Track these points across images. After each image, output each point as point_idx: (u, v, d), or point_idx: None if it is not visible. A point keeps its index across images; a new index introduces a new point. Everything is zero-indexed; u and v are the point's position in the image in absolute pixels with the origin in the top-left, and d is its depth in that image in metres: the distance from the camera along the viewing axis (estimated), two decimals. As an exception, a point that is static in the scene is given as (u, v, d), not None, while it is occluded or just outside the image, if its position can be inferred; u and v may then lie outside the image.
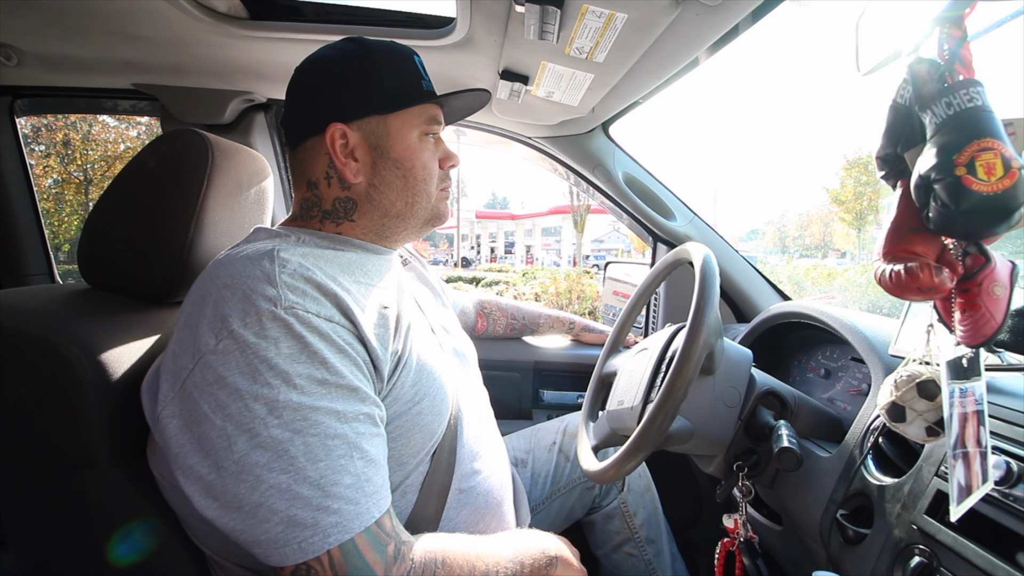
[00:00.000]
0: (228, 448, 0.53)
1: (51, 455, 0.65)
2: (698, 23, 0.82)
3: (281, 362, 0.54)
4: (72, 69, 1.26)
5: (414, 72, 0.75)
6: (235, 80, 1.27)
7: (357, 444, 0.57)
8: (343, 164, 0.71)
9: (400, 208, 0.75)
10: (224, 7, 0.99)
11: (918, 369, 0.59)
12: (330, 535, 0.53)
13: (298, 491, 0.53)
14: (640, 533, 1.15)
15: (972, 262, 0.52)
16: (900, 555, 0.62)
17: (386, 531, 0.58)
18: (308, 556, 0.53)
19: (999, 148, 0.46)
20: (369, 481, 0.57)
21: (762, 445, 0.83)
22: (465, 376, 0.86)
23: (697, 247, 0.86)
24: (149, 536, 0.67)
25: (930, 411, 0.57)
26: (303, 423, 0.54)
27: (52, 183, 10.74)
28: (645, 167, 1.49)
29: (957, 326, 0.53)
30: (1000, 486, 0.55)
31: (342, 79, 0.72)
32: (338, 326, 0.59)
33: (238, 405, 0.53)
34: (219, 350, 0.55)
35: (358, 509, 0.55)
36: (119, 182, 0.79)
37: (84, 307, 0.73)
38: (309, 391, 0.55)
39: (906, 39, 0.55)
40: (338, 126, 0.70)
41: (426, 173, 0.75)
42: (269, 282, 0.57)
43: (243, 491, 0.53)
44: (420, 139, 0.75)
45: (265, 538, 0.53)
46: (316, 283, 0.60)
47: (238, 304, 0.56)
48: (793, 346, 1.17)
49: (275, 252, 0.60)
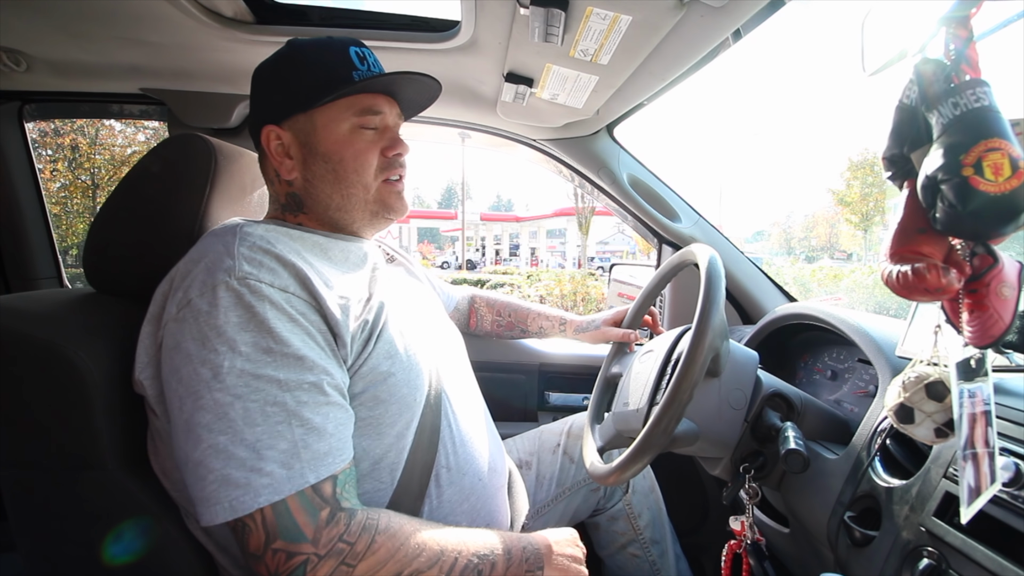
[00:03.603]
0: (179, 408, 0.58)
1: (58, 458, 0.66)
2: (703, 24, 0.82)
3: (229, 330, 0.58)
4: (80, 74, 1.27)
5: (343, 63, 0.75)
6: (241, 84, 1.28)
7: (297, 412, 0.58)
8: (279, 163, 0.77)
9: (338, 200, 0.77)
10: (231, 12, 1.00)
11: (926, 370, 0.59)
12: (260, 495, 0.55)
13: (234, 452, 0.56)
14: (645, 534, 1.15)
15: (980, 263, 0.51)
16: (908, 557, 0.62)
17: (324, 496, 0.59)
18: (239, 514, 0.55)
19: (1006, 148, 0.46)
20: (307, 448, 0.58)
21: (768, 447, 0.83)
22: (450, 361, 0.87)
23: (703, 248, 0.86)
24: (155, 537, 0.68)
25: (939, 412, 0.57)
26: (244, 389, 0.57)
27: (59, 187, 10.83)
28: (650, 169, 1.49)
29: (965, 327, 0.53)
30: (1009, 487, 0.55)
31: (271, 82, 0.77)
32: (292, 296, 0.62)
33: (188, 369, 0.58)
34: (178, 318, 0.60)
35: (291, 473, 0.57)
36: (124, 187, 0.79)
37: (90, 311, 0.74)
38: (253, 358, 0.58)
39: (912, 39, 0.54)
40: (271, 128, 0.76)
41: (358, 164, 0.77)
42: (228, 254, 0.61)
43: (189, 448, 0.57)
44: (353, 131, 0.76)
45: (201, 495, 0.56)
46: (275, 254, 0.63)
47: (199, 275, 0.60)
48: (799, 348, 1.17)
49: (239, 227, 0.65)
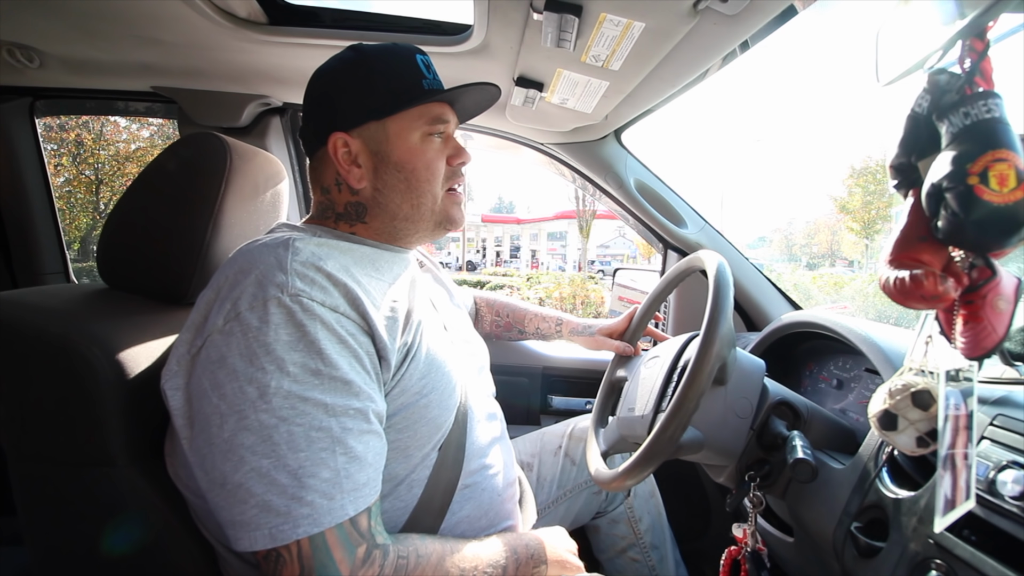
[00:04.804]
0: (220, 426, 0.55)
1: (70, 452, 0.66)
2: (715, 32, 0.83)
3: (278, 348, 0.56)
4: (93, 71, 1.28)
5: (414, 72, 0.75)
6: (252, 84, 1.28)
7: (342, 439, 0.57)
8: (347, 171, 0.74)
9: (407, 210, 0.76)
10: (244, 12, 1.01)
11: (914, 379, 0.59)
12: (300, 526, 0.54)
13: (276, 478, 0.54)
14: (645, 539, 1.15)
15: (978, 275, 0.51)
16: (916, 569, 0.62)
17: (360, 531, 0.58)
18: (277, 543, 0.53)
19: (1013, 160, 0.46)
20: (349, 477, 0.57)
21: (774, 455, 0.82)
22: (474, 374, 0.87)
23: (711, 255, 0.86)
24: (162, 533, 0.68)
25: (923, 421, 0.57)
26: (290, 411, 0.55)
27: (63, 182, 10.85)
28: (656, 174, 1.49)
29: (958, 337, 0.53)
30: (1019, 501, 0.55)
31: (339, 89, 0.74)
32: (343, 316, 0.60)
33: (233, 386, 0.55)
34: (225, 331, 0.57)
35: (332, 504, 0.55)
36: (139, 183, 0.80)
37: (103, 307, 0.74)
38: (301, 380, 0.56)
39: (929, 51, 0.55)
40: (339, 135, 0.73)
41: (429, 173, 0.76)
42: (280, 268, 0.59)
43: (228, 469, 0.55)
44: (423, 139, 0.75)
45: (240, 519, 0.54)
46: (326, 272, 0.61)
47: (249, 288, 0.58)
48: (804, 356, 1.16)
49: (291, 241, 0.63)
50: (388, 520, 0.68)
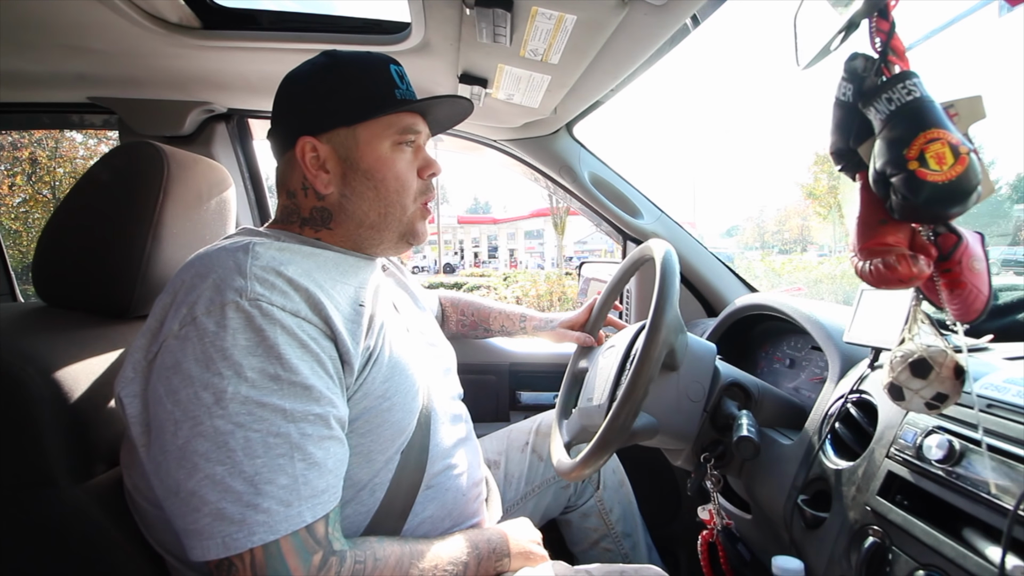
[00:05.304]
0: (174, 433, 0.54)
1: (7, 476, 0.63)
2: (647, 23, 0.84)
3: (236, 353, 0.55)
4: (25, 84, 1.23)
5: (386, 81, 0.74)
6: (193, 91, 1.25)
7: (300, 445, 0.56)
8: (314, 176, 0.73)
9: (373, 218, 0.75)
10: (176, 17, 0.98)
11: (910, 348, 0.59)
12: (255, 533, 0.52)
13: (231, 485, 0.53)
14: (617, 528, 1.16)
15: (944, 242, 0.53)
16: (856, 536, 0.63)
17: (317, 538, 0.57)
18: (231, 552, 0.52)
19: (945, 137, 0.47)
20: (308, 484, 0.56)
21: (728, 436, 0.84)
22: (439, 376, 0.87)
23: (659, 243, 0.87)
24: (109, 550, 0.66)
25: (925, 388, 0.57)
26: (247, 417, 0.54)
27: (19, 202, 10.46)
28: (611, 167, 1.51)
29: (947, 306, 0.54)
30: (944, 464, 0.57)
31: (309, 93, 0.74)
32: (304, 321, 0.59)
33: (188, 392, 0.54)
34: (180, 335, 0.56)
35: (289, 511, 0.54)
36: (72, 197, 0.77)
37: (39, 325, 0.72)
38: (259, 385, 0.55)
39: (835, 32, 0.56)
40: (307, 139, 0.72)
41: (399, 184, 0.75)
42: (239, 273, 0.58)
43: (181, 477, 0.53)
44: (393, 149, 0.75)
45: (194, 528, 0.53)
46: (287, 277, 0.60)
47: (206, 292, 0.57)
48: (760, 337, 1.19)
49: (250, 245, 0.62)
50: (349, 524, 0.67)
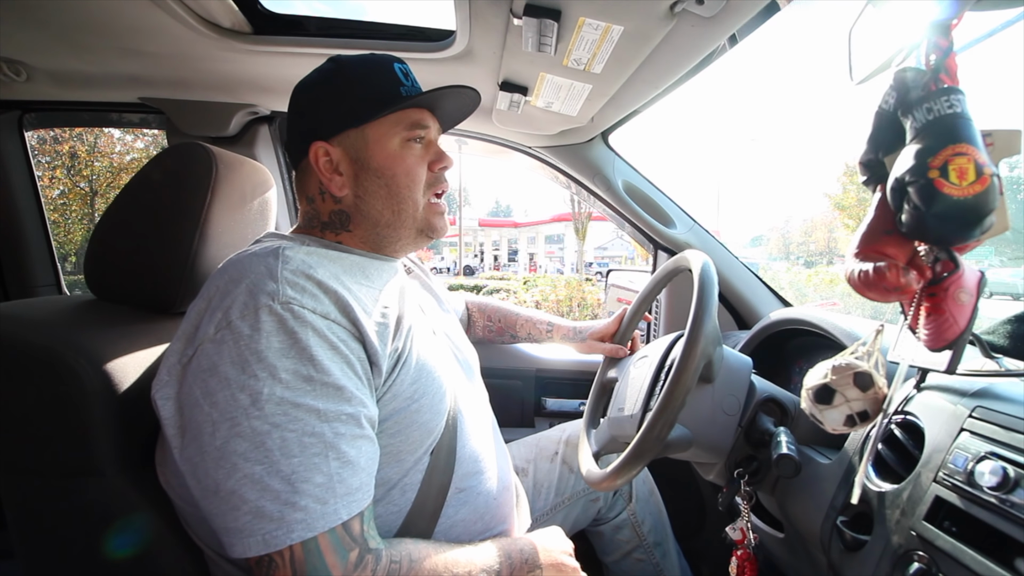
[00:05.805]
0: (212, 434, 0.55)
1: (57, 464, 0.66)
2: (694, 34, 0.84)
3: (270, 355, 0.56)
4: (80, 84, 1.29)
5: (391, 79, 0.75)
6: (239, 93, 1.29)
7: (334, 444, 0.57)
8: (328, 179, 0.75)
9: (388, 217, 0.76)
10: (228, 22, 1.01)
11: (857, 361, 0.61)
12: (293, 531, 0.54)
13: (269, 483, 0.54)
14: (648, 539, 1.16)
15: (941, 268, 0.52)
16: (899, 561, 0.62)
17: (353, 535, 0.58)
18: (271, 549, 0.54)
19: (973, 154, 0.47)
20: (342, 482, 0.57)
21: (762, 452, 0.83)
22: (465, 378, 0.87)
23: (696, 255, 0.86)
24: (152, 541, 0.68)
25: (858, 401, 0.59)
26: (283, 418, 0.55)
27: (58, 194, 10.84)
28: (645, 175, 1.50)
29: (921, 329, 0.54)
30: (997, 492, 0.55)
31: (317, 98, 0.76)
32: (334, 323, 0.61)
33: (225, 394, 0.56)
34: (216, 339, 0.57)
35: (325, 509, 0.56)
36: (125, 194, 0.80)
37: (90, 318, 0.74)
38: (293, 386, 0.56)
39: (896, 48, 0.56)
40: (320, 144, 0.74)
41: (409, 179, 0.76)
42: (271, 277, 0.60)
43: (220, 476, 0.55)
44: (403, 145, 0.76)
45: (234, 526, 0.54)
46: (317, 280, 0.62)
47: (240, 297, 0.59)
48: (794, 353, 1.17)
49: (280, 250, 0.63)
50: (382, 524, 0.68)
